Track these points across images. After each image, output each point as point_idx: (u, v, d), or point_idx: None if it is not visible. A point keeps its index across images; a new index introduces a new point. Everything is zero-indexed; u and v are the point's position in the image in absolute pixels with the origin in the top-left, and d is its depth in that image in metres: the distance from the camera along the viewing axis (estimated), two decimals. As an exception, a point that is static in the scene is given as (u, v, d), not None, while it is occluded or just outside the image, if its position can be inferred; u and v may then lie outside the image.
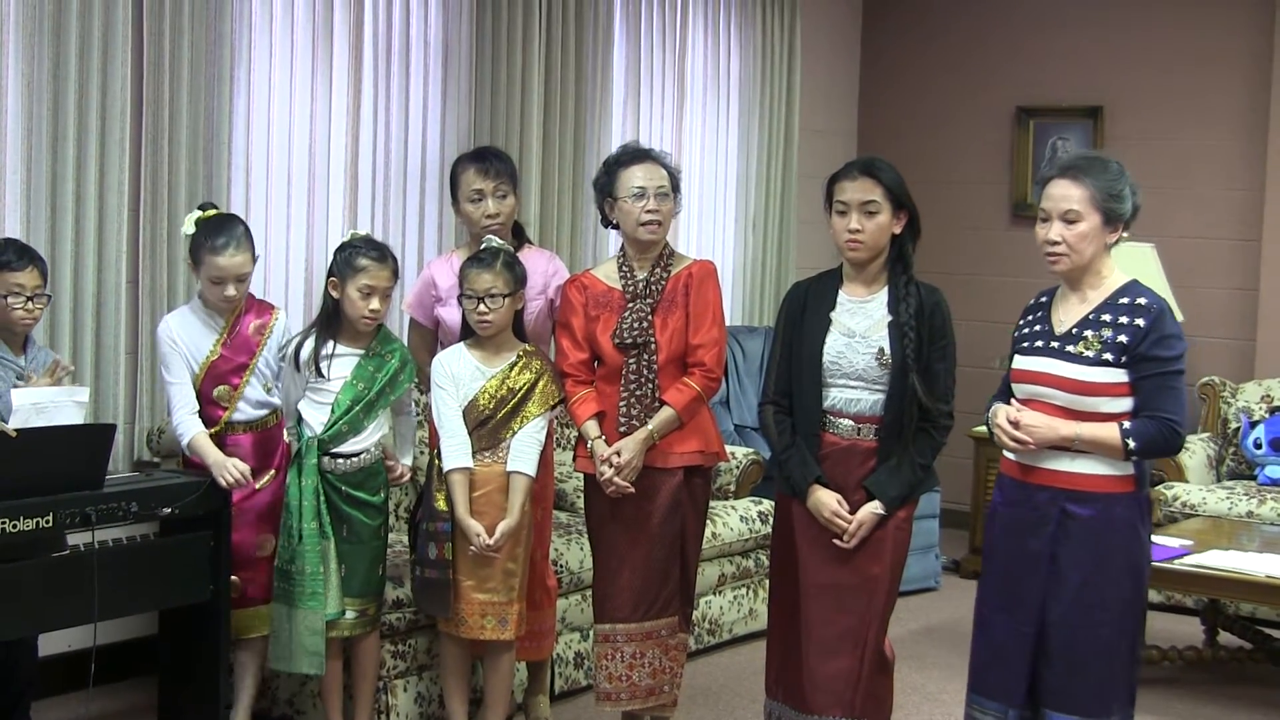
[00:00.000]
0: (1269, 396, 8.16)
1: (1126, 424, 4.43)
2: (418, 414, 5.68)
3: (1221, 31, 8.76)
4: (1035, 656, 4.58)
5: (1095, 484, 4.48)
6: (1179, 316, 8.18)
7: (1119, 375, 4.45)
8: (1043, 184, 4.59)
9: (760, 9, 8.87)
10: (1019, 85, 9.40)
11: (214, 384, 5.19)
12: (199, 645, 5.17)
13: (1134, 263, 8.18)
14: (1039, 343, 4.59)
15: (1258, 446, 7.95)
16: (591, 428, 5.24)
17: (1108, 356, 4.45)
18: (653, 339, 5.20)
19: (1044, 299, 4.72)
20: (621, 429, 5.20)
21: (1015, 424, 4.50)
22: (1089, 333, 4.50)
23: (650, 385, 5.19)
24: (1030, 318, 4.70)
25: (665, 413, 5.19)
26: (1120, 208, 4.52)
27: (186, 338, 5.18)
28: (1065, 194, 4.50)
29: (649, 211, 5.21)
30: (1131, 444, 4.41)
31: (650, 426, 5.18)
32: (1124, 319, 4.47)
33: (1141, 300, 4.51)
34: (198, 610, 5.12)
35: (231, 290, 5.14)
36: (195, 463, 5.20)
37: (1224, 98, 8.75)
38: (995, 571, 4.71)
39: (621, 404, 5.21)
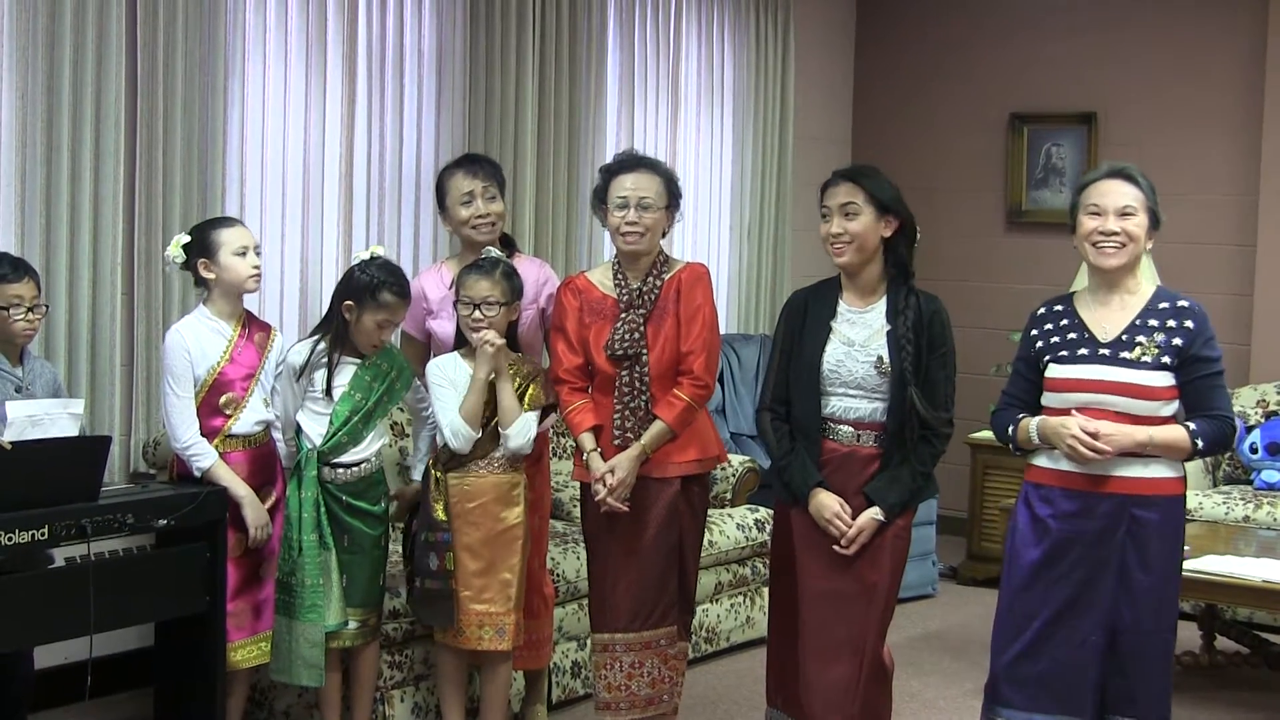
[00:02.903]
0: (1264, 401, 8.16)
1: (1191, 424, 4.57)
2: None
3: (1215, 37, 8.76)
4: (1103, 664, 4.64)
5: (1162, 487, 4.61)
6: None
7: (1172, 379, 4.58)
8: (1082, 187, 4.73)
9: (754, 16, 8.88)
10: (1013, 92, 9.40)
11: (220, 392, 5.16)
12: (195, 656, 5.16)
13: (1129, 268, 8.21)
14: (1082, 350, 4.66)
15: (1254, 451, 7.95)
16: (588, 440, 5.23)
17: (1165, 360, 4.58)
18: (644, 351, 5.19)
19: (1059, 308, 4.78)
20: (616, 442, 5.19)
21: (1093, 435, 4.54)
22: (1141, 338, 4.61)
23: (644, 397, 5.18)
24: (1051, 326, 4.76)
25: (657, 427, 5.17)
26: (1159, 214, 4.69)
27: (197, 346, 5.15)
28: (1122, 191, 4.65)
29: (628, 223, 5.18)
30: (1200, 444, 4.56)
31: (643, 442, 5.17)
32: (1172, 322, 4.62)
33: (1183, 302, 4.68)
34: (194, 621, 5.10)
35: (255, 259, 5.17)
36: (185, 473, 5.18)
37: (1218, 104, 8.76)
38: (1053, 583, 4.69)
39: (616, 416, 5.20)
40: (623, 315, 5.22)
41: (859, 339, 4.89)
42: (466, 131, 7.19)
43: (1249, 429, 8.04)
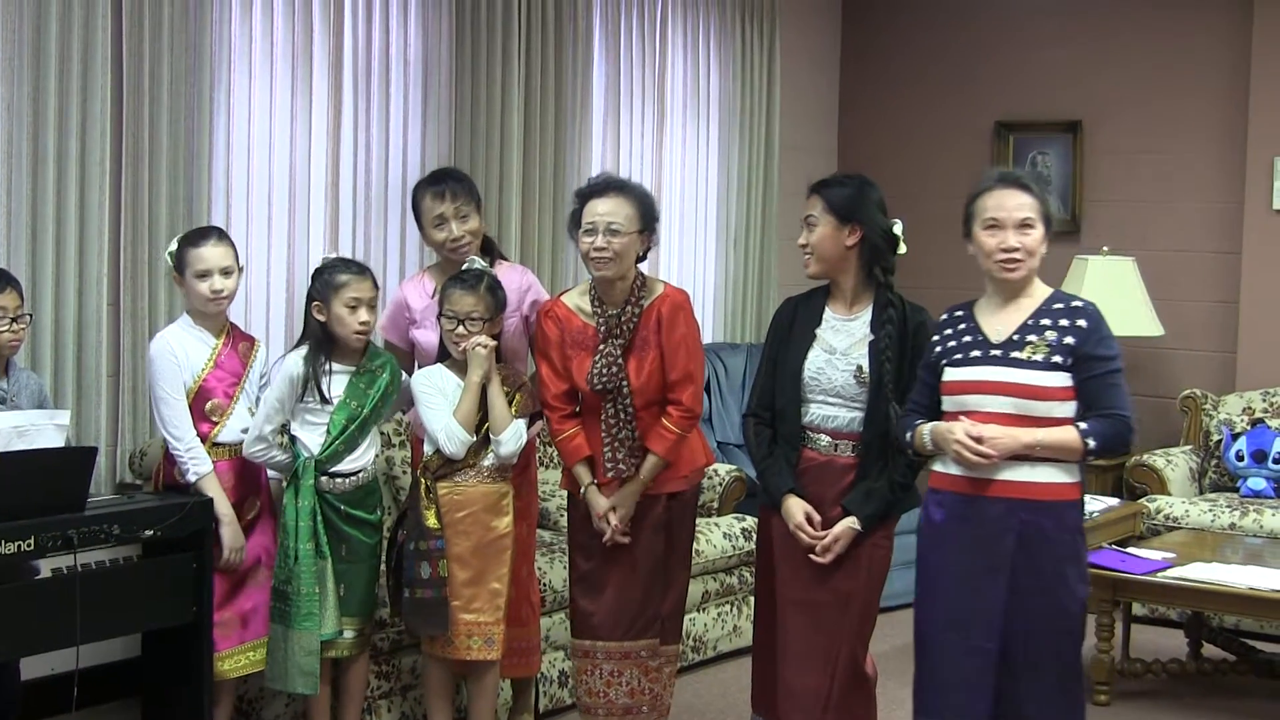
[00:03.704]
0: (1250, 409, 8.18)
1: (1083, 424, 4.45)
2: (402, 432, 5.67)
3: (1199, 46, 8.78)
4: (998, 672, 4.54)
5: (1053, 492, 4.49)
6: (1160, 330, 8.30)
7: (1067, 379, 4.48)
8: (977, 195, 4.67)
9: (739, 26, 8.89)
10: (998, 100, 9.42)
11: (206, 399, 5.16)
12: (182, 666, 5.15)
13: (1114, 276, 8.23)
14: (975, 353, 4.58)
15: (1239, 459, 7.96)
16: (584, 474, 5.26)
17: (1057, 359, 4.48)
18: (625, 383, 5.19)
19: (959, 313, 4.72)
20: (609, 473, 5.22)
21: (978, 439, 4.45)
22: (1032, 337, 4.53)
23: (630, 428, 5.20)
24: (950, 331, 4.69)
25: (651, 460, 5.21)
26: (1053, 219, 4.64)
27: (182, 352, 5.15)
28: (1019, 202, 4.59)
29: (596, 248, 5.15)
30: (1091, 443, 4.43)
31: (641, 477, 5.21)
32: (1064, 321, 4.53)
33: (1077, 303, 4.59)
34: (181, 631, 5.10)
35: (218, 282, 5.13)
36: (172, 483, 5.18)
37: (1202, 111, 8.78)
38: (946, 590, 4.64)
39: (605, 449, 5.22)
40: (601, 347, 5.21)
41: (841, 347, 4.91)
42: (452, 142, 7.19)
43: (1234, 436, 8.05)
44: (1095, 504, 6.97)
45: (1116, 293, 8.24)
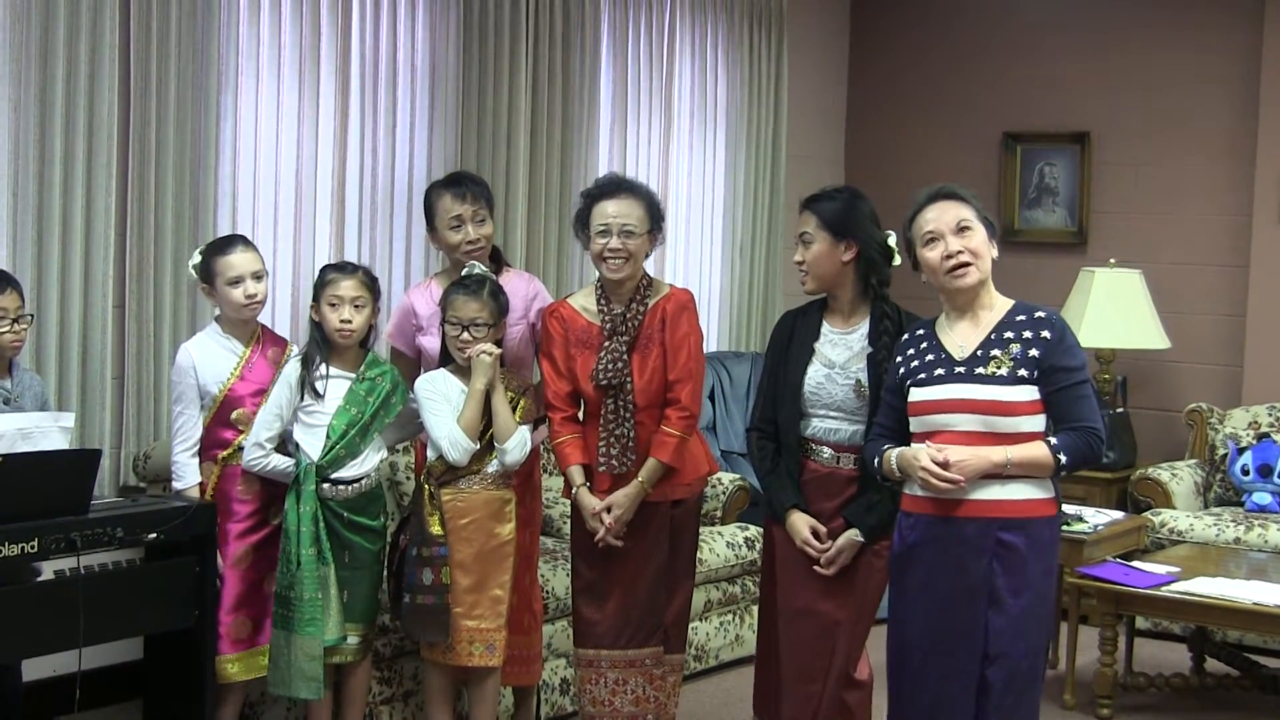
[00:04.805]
0: (1256, 423, 8.16)
1: (1053, 439, 4.37)
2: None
3: (1208, 57, 8.77)
4: (980, 693, 4.45)
5: (1028, 509, 4.40)
6: (1166, 343, 8.29)
7: (1034, 393, 4.39)
8: (911, 219, 4.61)
9: (747, 34, 8.88)
10: (1006, 111, 9.40)
11: (232, 407, 5.21)
12: (184, 669, 5.15)
13: (1121, 289, 8.22)
14: (939, 371, 4.48)
15: (1245, 473, 7.95)
16: (577, 474, 5.27)
17: (1022, 372, 4.39)
18: (629, 380, 5.19)
19: (920, 331, 4.63)
20: (601, 468, 5.22)
21: (944, 464, 4.35)
22: (996, 351, 4.43)
23: (628, 426, 5.19)
24: (913, 350, 4.59)
25: (652, 464, 5.21)
26: (993, 221, 4.63)
27: (206, 364, 5.20)
28: (955, 211, 4.55)
29: (610, 250, 5.17)
30: (1063, 458, 4.35)
31: (641, 479, 5.20)
32: (1028, 333, 4.44)
33: (1040, 313, 4.51)
34: (183, 635, 5.10)
35: (251, 287, 5.19)
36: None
37: (1211, 123, 8.76)
38: (925, 613, 4.52)
39: (600, 444, 5.22)
40: (606, 344, 5.22)
41: (839, 361, 4.92)
42: (459, 147, 7.19)
43: (1240, 450, 8.04)
44: (1099, 517, 6.96)
45: (1123, 305, 8.23)
